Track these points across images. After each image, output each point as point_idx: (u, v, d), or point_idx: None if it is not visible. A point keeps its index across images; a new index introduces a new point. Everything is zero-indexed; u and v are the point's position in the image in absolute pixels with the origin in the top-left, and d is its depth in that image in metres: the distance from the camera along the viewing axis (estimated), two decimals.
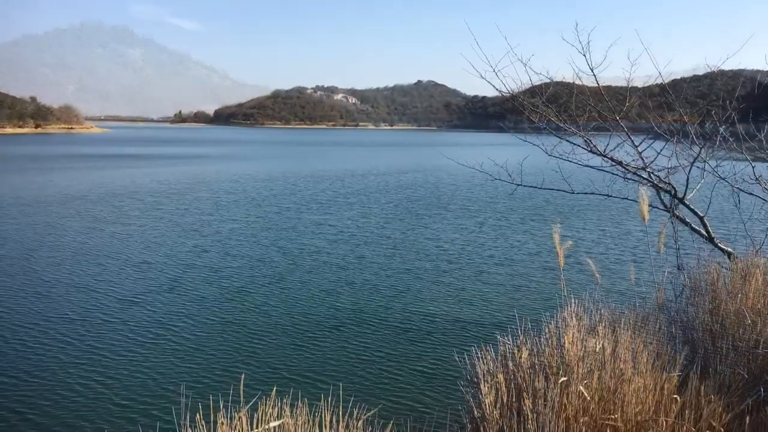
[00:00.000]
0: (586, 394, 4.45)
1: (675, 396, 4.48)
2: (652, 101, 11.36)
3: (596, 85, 10.03)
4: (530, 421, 4.34)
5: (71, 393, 10.94)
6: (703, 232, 10.03)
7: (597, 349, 4.82)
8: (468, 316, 15.45)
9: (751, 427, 4.32)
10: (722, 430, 4.27)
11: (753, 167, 10.47)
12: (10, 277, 18.74)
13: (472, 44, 9.89)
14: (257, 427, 3.66)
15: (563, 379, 4.55)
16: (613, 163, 10.15)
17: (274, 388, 3.95)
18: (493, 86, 10.11)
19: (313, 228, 28.47)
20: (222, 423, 3.62)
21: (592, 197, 13.00)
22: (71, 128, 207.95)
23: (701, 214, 10.02)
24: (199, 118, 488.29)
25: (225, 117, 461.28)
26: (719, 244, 9.88)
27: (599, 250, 23.65)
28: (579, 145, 10.25)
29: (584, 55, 9.70)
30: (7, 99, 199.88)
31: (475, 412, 4.75)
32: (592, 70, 9.79)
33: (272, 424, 3.68)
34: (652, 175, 10.01)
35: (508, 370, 4.96)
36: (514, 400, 4.63)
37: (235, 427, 3.63)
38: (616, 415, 4.40)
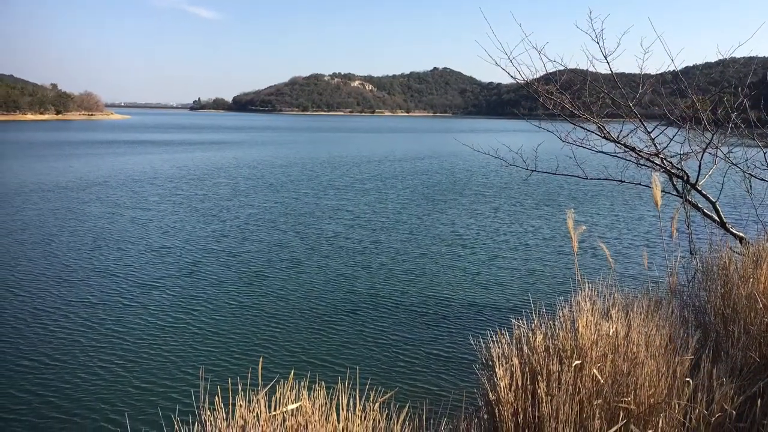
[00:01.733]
0: (599, 377, 4.48)
1: (687, 379, 4.50)
2: (664, 88, 11.32)
3: (610, 72, 10.02)
4: (544, 404, 4.37)
5: (92, 376, 11.13)
6: (715, 218, 10.02)
7: (610, 333, 4.84)
8: (483, 300, 15.52)
9: (762, 410, 4.35)
10: (734, 412, 4.28)
11: (764, 153, 10.43)
12: (31, 261, 19.02)
13: (488, 32, 9.92)
14: (275, 410, 3.71)
15: (577, 362, 4.58)
16: (627, 150, 10.15)
17: (292, 371, 3.99)
18: (508, 73, 10.14)
19: (330, 213, 28.59)
20: (240, 406, 3.66)
21: (605, 183, 13.00)
22: (91, 115, 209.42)
23: (713, 200, 10.01)
24: (218, 104, 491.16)
25: (243, 104, 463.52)
26: (731, 229, 9.87)
27: (612, 235, 23.65)
28: (593, 132, 10.25)
29: (598, 43, 9.70)
30: (28, 86, 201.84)
31: (490, 395, 4.78)
32: (605, 58, 9.78)
33: (290, 407, 3.73)
34: (664, 161, 10.00)
35: (522, 353, 4.98)
36: (528, 383, 4.66)
37: (254, 409, 3.67)
38: (629, 398, 4.42)
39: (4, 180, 39.37)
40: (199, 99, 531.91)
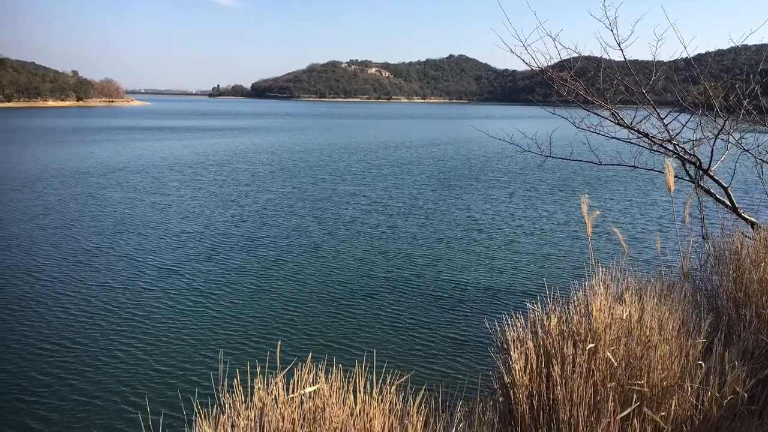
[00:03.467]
0: (613, 360, 4.53)
1: (700, 362, 4.54)
2: (677, 75, 11.29)
3: (623, 59, 10.01)
4: (559, 387, 4.43)
5: (112, 359, 11.30)
6: (727, 203, 10.03)
7: (624, 317, 4.89)
8: (498, 284, 15.55)
9: None
10: (746, 395, 4.32)
11: None
12: (53, 246, 19.28)
13: (503, 20, 9.94)
14: (293, 393, 3.78)
15: (591, 345, 4.63)
16: (640, 136, 10.16)
17: (310, 354, 4.06)
18: (523, 60, 10.17)
19: (347, 198, 28.67)
20: (259, 388, 3.73)
21: (619, 169, 12.98)
22: (112, 101, 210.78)
23: (725, 185, 10.01)
24: (237, 91, 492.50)
25: (261, 90, 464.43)
26: (743, 214, 9.87)
27: (626, 220, 23.61)
28: (606, 118, 10.26)
29: (611, 31, 9.70)
30: (50, 73, 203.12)
31: (506, 378, 4.86)
32: (619, 45, 9.78)
33: (308, 390, 3.80)
34: (677, 147, 10.01)
35: (537, 336, 5.05)
36: (543, 366, 4.72)
37: (272, 392, 3.74)
38: (642, 381, 4.46)
39: (26, 166, 39.82)
40: (218, 86, 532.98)
